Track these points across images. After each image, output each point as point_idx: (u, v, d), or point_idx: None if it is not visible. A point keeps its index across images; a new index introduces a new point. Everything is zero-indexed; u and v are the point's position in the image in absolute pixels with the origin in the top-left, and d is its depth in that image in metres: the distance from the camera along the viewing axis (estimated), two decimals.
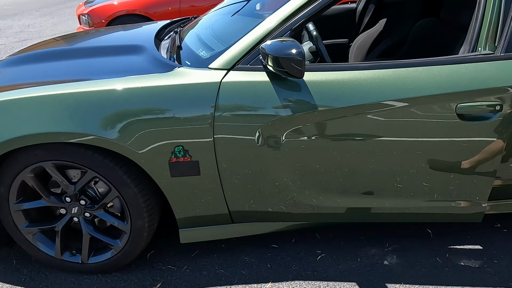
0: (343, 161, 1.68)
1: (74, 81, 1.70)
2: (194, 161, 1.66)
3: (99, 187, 1.81)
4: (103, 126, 1.58)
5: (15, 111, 1.61)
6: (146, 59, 1.83)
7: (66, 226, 1.83)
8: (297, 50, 1.44)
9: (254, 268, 1.91)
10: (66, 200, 1.77)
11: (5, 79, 1.90)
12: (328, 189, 1.75)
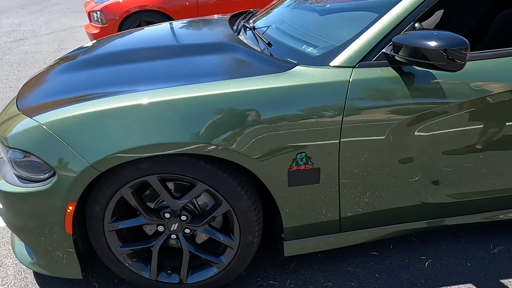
0: (485, 156, 1.59)
1: (174, 85, 1.52)
2: (315, 168, 1.52)
3: (200, 201, 1.65)
4: (217, 133, 1.42)
5: (114, 122, 1.43)
6: (248, 58, 1.66)
7: (162, 244, 1.66)
8: (460, 40, 1.32)
9: (362, 279, 1.79)
10: (165, 216, 1.61)
11: (84, 84, 1.69)
12: (466, 185, 1.68)
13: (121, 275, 1.69)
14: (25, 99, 1.71)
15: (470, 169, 1.65)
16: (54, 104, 1.55)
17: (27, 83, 1.92)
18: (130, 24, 4.90)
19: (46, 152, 1.43)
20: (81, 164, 1.41)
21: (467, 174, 1.66)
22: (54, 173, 1.45)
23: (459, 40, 1.34)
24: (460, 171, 1.65)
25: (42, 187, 1.46)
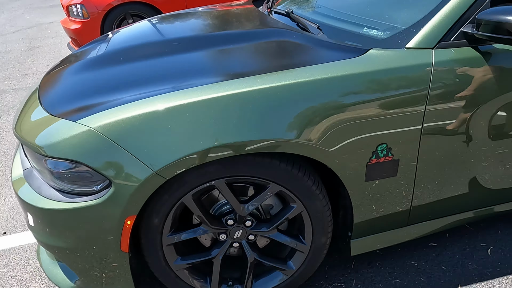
0: None
1: (234, 76, 1.35)
2: (394, 160, 1.40)
3: (264, 204, 1.50)
4: (294, 127, 1.27)
5: (179, 122, 1.24)
6: (309, 44, 1.50)
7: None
8: None
9: (430, 273, 1.70)
10: (227, 223, 1.45)
11: (123, 81, 1.46)
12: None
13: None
14: (52, 101, 1.48)
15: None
16: (95, 105, 1.34)
17: (46, 83, 1.68)
18: (114, 17, 4.58)
19: (99, 160, 1.23)
20: (144, 172, 1.22)
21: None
22: (110, 184, 1.25)
23: None
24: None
25: (94, 201, 1.26)
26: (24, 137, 1.39)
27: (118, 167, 1.22)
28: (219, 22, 1.97)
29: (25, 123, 1.46)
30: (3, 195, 2.41)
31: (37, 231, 1.43)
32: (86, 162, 1.23)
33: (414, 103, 1.33)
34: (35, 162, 1.39)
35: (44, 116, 1.41)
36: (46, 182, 1.38)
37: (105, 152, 1.23)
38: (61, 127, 1.31)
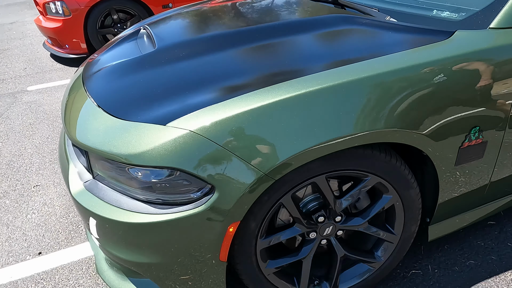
0: None
1: (318, 66, 1.28)
2: (483, 142, 1.39)
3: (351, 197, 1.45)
4: (393, 115, 1.22)
5: (285, 117, 1.15)
6: (391, 29, 1.45)
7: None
8: None
9: (499, 251, 1.73)
10: (318, 220, 1.38)
11: (203, 76, 1.34)
12: None
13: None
14: (117, 105, 1.34)
15: None
16: (178, 106, 1.23)
17: (94, 86, 1.52)
18: (98, 14, 4.31)
19: (201, 165, 1.12)
20: (252, 174, 1.13)
21: None
22: (212, 189, 1.15)
23: None
24: None
25: (194, 210, 1.15)
26: (97, 147, 1.25)
27: (222, 171, 1.12)
28: (266, 12, 1.87)
29: (90, 131, 1.31)
30: (24, 212, 2.20)
31: (115, 247, 1.30)
32: (186, 168, 1.12)
33: (505, 84, 1.33)
34: (112, 172, 1.26)
35: (115, 122, 1.27)
36: (127, 193, 1.25)
37: (208, 156, 1.12)
38: (147, 133, 1.18)
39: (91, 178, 1.39)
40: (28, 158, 2.74)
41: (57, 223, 2.10)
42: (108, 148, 1.22)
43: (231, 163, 1.12)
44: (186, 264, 1.24)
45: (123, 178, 1.23)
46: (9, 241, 2.01)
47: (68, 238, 2.00)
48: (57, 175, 2.51)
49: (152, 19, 2.25)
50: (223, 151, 1.12)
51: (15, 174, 2.57)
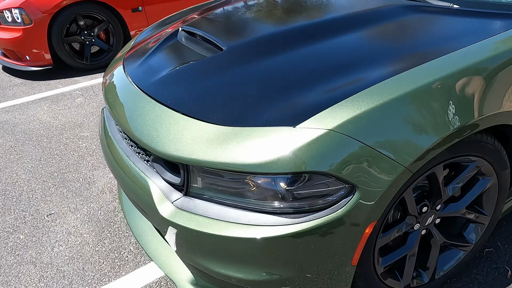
0: None
1: (421, 56, 1.26)
2: None
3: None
4: (502, 99, 1.24)
5: (413, 109, 1.11)
6: (472, 15, 1.47)
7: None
8: None
9: None
10: (422, 210, 1.36)
11: (315, 69, 1.26)
12: None
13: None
14: (212, 111, 1.21)
15: None
16: (299, 106, 1.14)
17: (172, 93, 1.36)
18: (63, 20, 3.92)
19: (342, 164, 1.05)
20: (393, 169, 1.07)
21: None
22: (351, 190, 1.08)
23: None
24: None
25: (334, 215, 1.07)
26: (207, 159, 1.11)
27: (363, 169, 1.06)
28: (326, 4, 1.81)
29: (188, 143, 1.16)
30: (48, 246, 1.93)
31: (233, 267, 1.17)
32: (327, 170, 1.04)
33: None
34: (225, 184, 1.13)
35: (221, 130, 1.14)
36: (243, 206, 1.14)
37: (348, 154, 1.05)
38: (273, 137, 1.07)
39: (181, 196, 1.25)
40: (26, 185, 2.42)
41: (94, 253, 1.87)
42: (224, 159, 1.09)
43: (372, 160, 1.06)
44: (318, 274, 1.16)
45: (241, 190, 1.12)
46: (44, 280, 1.75)
47: (115, 268, 1.78)
48: (69, 200, 2.24)
49: (175, 19, 2.09)
50: (364, 148, 1.06)
51: (17, 205, 2.25)
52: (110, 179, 2.41)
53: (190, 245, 1.23)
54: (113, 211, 2.14)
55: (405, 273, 1.43)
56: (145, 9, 4.38)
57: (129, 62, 1.73)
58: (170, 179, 1.27)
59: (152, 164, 1.33)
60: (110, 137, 1.62)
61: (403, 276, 1.43)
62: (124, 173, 1.45)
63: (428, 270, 1.48)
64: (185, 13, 2.21)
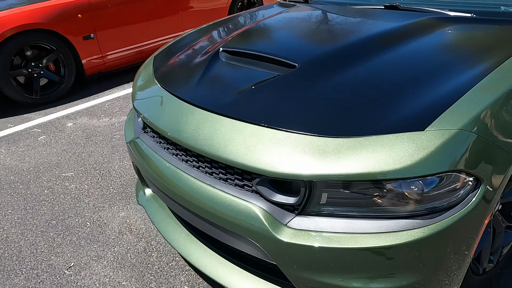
0: None
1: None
2: None
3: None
4: None
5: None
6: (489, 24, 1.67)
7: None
8: None
9: None
10: None
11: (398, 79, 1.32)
12: None
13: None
14: (321, 125, 1.20)
15: None
16: (412, 108, 1.19)
17: (261, 112, 1.30)
18: (8, 52, 3.47)
19: (472, 161, 1.11)
20: (509, 161, 1.17)
21: None
22: (477, 184, 1.14)
23: None
24: None
25: (465, 210, 1.13)
26: (341, 172, 1.09)
27: (487, 163, 1.14)
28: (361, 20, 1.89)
29: (307, 161, 1.13)
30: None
31: (364, 279, 1.16)
32: (461, 167, 1.09)
33: None
34: (358, 195, 1.12)
35: (342, 142, 1.14)
36: (375, 215, 1.14)
37: (476, 150, 1.12)
38: (404, 142, 1.10)
39: (293, 216, 1.21)
40: (22, 240, 2.07)
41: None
42: (356, 170, 1.09)
43: (493, 153, 1.15)
44: (446, 270, 1.20)
45: (372, 199, 1.12)
46: None
47: None
48: (85, 248, 1.97)
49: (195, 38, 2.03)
50: (487, 143, 1.14)
51: (22, 264, 1.92)
52: (123, 218, 2.19)
53: (313, 263, 1.18)
54: (144, 251, 1.94)
55: (482, 259, 1.54)
56: (97, 36, 4.10)
57: (177, 87, 1.62)
58: (282, 201, 1.22)
59: (254, 187, 1.26)
60: (170, 168, 1.49)
61: (481, 262, 1.54)
62: (191, 200, 1.35)
63: (495, 253, 1.61)
64: (202, 32, 2.16)
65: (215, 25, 2.31)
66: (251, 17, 2.26)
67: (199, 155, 1.41)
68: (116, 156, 2.85)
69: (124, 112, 3.60)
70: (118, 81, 4.47)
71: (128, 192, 2.42)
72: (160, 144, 1.61)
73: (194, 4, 4.92)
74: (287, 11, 2.27)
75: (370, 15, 1.99)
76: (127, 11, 4.29)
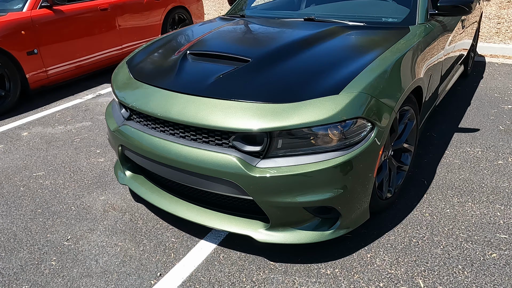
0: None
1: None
2: None
3: None
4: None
5: (398, 73, 1.94)
6: (375, 31, 2.43)
7: None
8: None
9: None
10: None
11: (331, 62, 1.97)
12: None
13: None
14: (274, 95, 1.79)
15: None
16: (331, 81, 1.83)
17: (232, 90, 1.86)
18: None
19: (368, 111, 1.78)
20: (390, 112, 1.85)
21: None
22: (372, 127, 1.82)
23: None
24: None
25: (367, 143, 1.80)
26: (291, 123, 1.69)
27: (377, 113, 1.81)
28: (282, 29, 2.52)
29: (269, 119, 1.72)
30: (91, 260, 2.02)
31: (312, 193, 1.76)
32: (363, 115, 1.75)
33: (432, 46, 2.51)
34: (301, 140, 1.72)
35: (292, 104, 1.75)
36: (313, 151, 1.74)
37: (370, 105, 1.79)
38: (327, 101, 1.74)
39: (259, 160, 1.77)
40: (14, 226, 2.33)
41: (143, 252, 2.08)
42: (299, 121, 1.69)
43: (381, 107, 1.83)
44: (359, 186, 1.84)
45: (309, 141, 1.72)
46: (111, 284, 1.89)
47: (171, 255, 2.06)
48: (77, 225, 2.30)
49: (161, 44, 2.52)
50: (377, 101, 1.81)
51: (21, 243, 2.19)
52: (104, 200, 2.55)
53: (275, 189, 1.74)
54: (130, 221, 2.34)
55: (384, 189, 2.23)
56: (40, 52, 4.30)
57: (157, 81, 2.10)
58: (251, 149, 1.77)
59: (231, 143, 1.79)
60: (160, 140, 1.96)
61: (383, 191, 2.23)
62: (183, 161, 1.86)
63: (392, 186, 2.33)
64: (167, 39, 2.66)
65: (174, 35, 2.82)
66: (202, 29, 2.81)
67: (185, 126, 1.90)
68: (82, 156, 3.16)
69: (77, 120, 3.87)
70: (62, 94, 4.67)
71: (104, 181, 2.77)
72: (148, 125, 2.07)
73: (131, 22, 5.31)
74: (229, 24, 2.87)
75: (294, 25, 2.66)
76: (69, 28, 4.56)
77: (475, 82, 4.40)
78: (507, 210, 2.28)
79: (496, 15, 6.66)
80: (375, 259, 1.98)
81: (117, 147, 2.30)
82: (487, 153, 2.91)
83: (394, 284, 1.83)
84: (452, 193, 2.46)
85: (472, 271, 1.87)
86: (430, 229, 2.16)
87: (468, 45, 3.85)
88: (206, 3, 9.29)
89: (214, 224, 1.99)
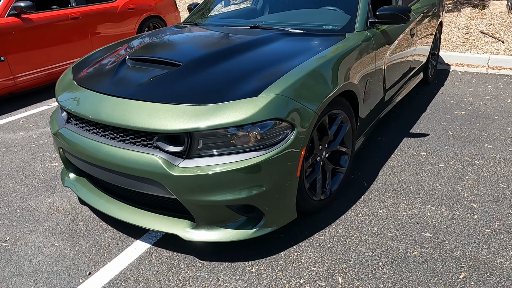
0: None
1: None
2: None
3: None
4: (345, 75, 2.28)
5: (317, 79, 2.02)
6: (311, 39, 2.52)
7: None
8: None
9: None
10: (319, 148, 2.25)
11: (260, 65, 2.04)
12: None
13: None
14: (198, 97, 1.85)
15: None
16: (253, 85, 1.90)
17: (159, 93, 1.92)
18: None
19: (287, 113, 1.85)
20: (310, 114, 1.93)
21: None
22: (292, 129, 1.88)
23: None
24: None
25: (285, 144, 1.87)
26: (210, 124, 1.76)
27: (297, 115, 1.88)
28: (226, 36, 2.60)
29: (192, 119, 1.79)
30: (25, 260, 2.05)
31: (230, 192, 1.82)
32: (281, 116, 1.83)
33: (368, 52, 2.60)
34: (221, 139, 1.78)
35: (212, 106, 1.81)
36: (231, 152, 1.81)
37: (289, 107, 1.86)
38: (247, 103, 1.81)
39: (182, 160, 1.82)
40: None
41: (77, 252, 2.12)
42: (218, 122, 1.75)
43: (301, 109, 1.90)
44: (280, 185, 1.90)
45: (229, 141, 1.78)
46: (39, 283, 1.93)
47: (104, 255, 2.09)
48: (18, 226, 2.33)
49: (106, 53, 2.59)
50: (295, 103, 1.88)
51: None
52: (50, 203, 2.58)
53: (196, 188, 1.80)
54: (72, 222, 2.38)
55: (317, 190, 2.29)
56: (7, 59, 4.35)
57: (93, 85, 2.16)
58: (174, 149, 1.83)
59: (155, 144, 1.85)
60: (92, 142, 2.01)
61: (316, 192, 2.29)
62: (112, 161, 1.91)
63: (327, 188, 2.39)
64: (111, 48, 2.72)
65: (120, 43, 2.89)
66: (150, 36, 2.89)
67: (114, 128, 1.96)
68: (38, 160, 3.20)
69: (40, 126, 3.91)
70: (30, 100, 4.71)
71: (53, 185, 2.81)
72: (83, 128, 2.12)
73: (103, 30, 5.39)
74: (178, 31, 2.95)
75: (240, 31, 2.75)
76: (38, 36, 4.62)
77: (435, 89, 4.51)
78: (437, 211, 2.35)
79: (465, 25, 6.82)
80: (301, 257, 2.03)
81: (58, 149, 2.35)
82: (430, 156, 2.99)
83: (314, 281, 1.88)
84: (389, 195, 2.53)
85: (391, 268, 1.93)
86: (360, 228, 2.22)
87: (424, 53, 3.97)
88: (184, 13, 9.42)
89: (145, 223, 2.04)
